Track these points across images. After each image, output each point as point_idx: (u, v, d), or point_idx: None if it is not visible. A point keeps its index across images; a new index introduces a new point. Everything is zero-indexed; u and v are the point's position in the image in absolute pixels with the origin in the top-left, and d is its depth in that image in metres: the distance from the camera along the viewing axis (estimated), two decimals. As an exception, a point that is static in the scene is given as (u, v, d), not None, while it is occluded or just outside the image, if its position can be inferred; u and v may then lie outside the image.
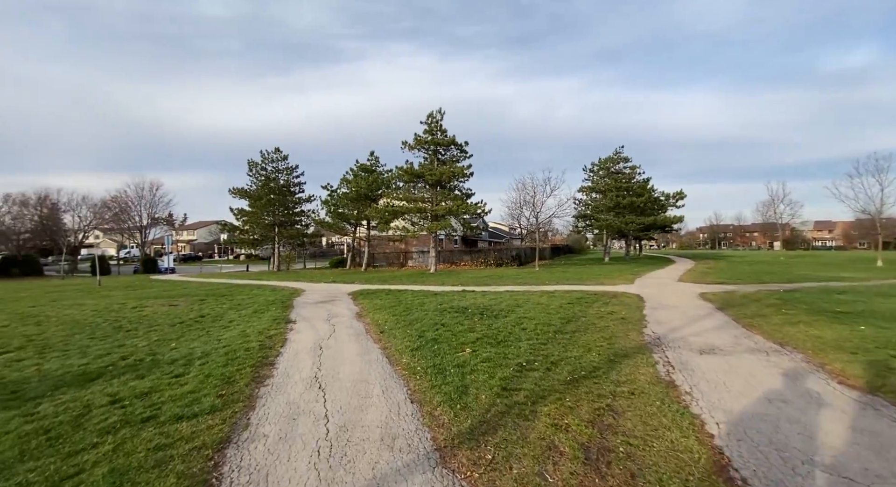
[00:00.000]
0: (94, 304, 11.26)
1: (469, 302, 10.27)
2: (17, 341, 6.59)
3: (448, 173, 20.99)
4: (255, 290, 15.05)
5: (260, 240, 30.96)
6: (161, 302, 11.47)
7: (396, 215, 22.10)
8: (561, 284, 15.11)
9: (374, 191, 26.46)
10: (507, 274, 20.64)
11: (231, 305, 10.75)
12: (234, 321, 8.38)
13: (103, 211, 52.67)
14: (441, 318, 8.09)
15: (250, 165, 29.09)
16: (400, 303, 10.45)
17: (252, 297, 12.58)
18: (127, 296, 13.37)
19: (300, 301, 11.61)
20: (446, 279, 17.80)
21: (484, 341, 6.17)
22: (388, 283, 16.97)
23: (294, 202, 30.60)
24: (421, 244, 38.33)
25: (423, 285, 15.53)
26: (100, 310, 10.01)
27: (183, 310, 9.92)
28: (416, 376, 4.65)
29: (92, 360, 5.39)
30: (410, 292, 12.84)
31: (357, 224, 30.74)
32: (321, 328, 7.60)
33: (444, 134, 21.96)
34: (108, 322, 8.30)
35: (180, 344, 6.28)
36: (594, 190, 35.21)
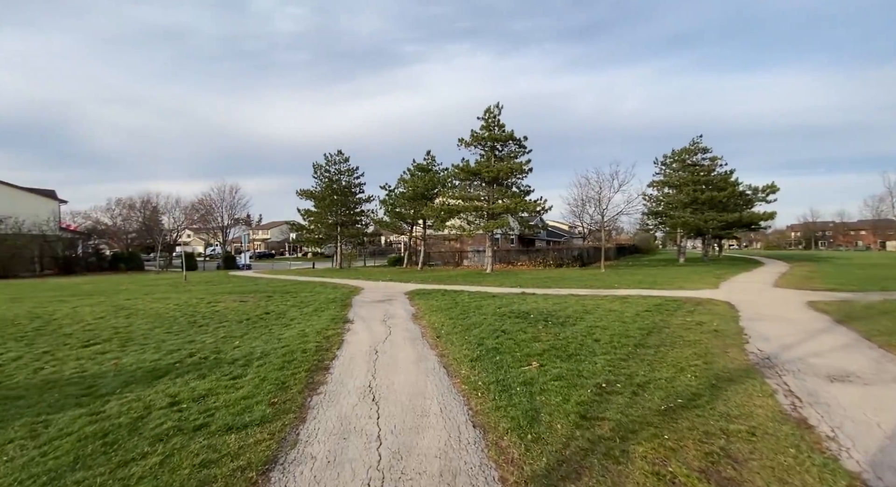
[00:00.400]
0: (177, 298, 12.21)
1: (530, 306, 9.55)
2: (107, 333, 7.14)
3: (505, 170, 20.20)
4: (317, 287, 15.53)
5: (324, 239, 32.44)
6: (233, 298, 12.14)
7: (452, 214, 21.78)
8: (633, 288, 13.73)
9: (430, 190, 26.41)
10: (570, 276, 19.39)
11: (294, 302, 11.05)
12: (296, 319, 8.49)
13: (192, 213, 58.95)
14: (501, 323, 7.50)
15: (315, 167, 30.56)
16: (456, 305, 10.01)
17: (314, 294, 12.90)
18: (206, 291, 14.41)
19: (358, 300, 11.65)
20: (504, 280, 17.09)
21: (552, 353, 5.48)
22: (444, 283, 16.67)
23: (355, 203, 31.62)
24: (476, 244, 37.81)
25: (479, 286, 14.99)
26: (180, 304, 10.77)
27: (251, 306, 10.34)
28: (477, 392, 4.14)
29: (163, 356, 5.58)
30: (467, 294, 12.37)
31: (413, 223, 31.00)
32: (377, 330, 7.38)
33: (502, 129, 21.19)
34: (185, 317, 8.82)
35: (243, 342, 6.37)
36: (667, 184, 32.17)
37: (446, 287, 14.68)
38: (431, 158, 28.56)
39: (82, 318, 8.65)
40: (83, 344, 6.34)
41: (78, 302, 11.43)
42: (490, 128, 21.23)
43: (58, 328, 7.66)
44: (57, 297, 12.88)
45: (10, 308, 10.26)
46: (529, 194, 22.29)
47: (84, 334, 7.10)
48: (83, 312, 9.54)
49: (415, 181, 26.40)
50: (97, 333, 7.17)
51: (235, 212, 65.93)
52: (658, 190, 33.41)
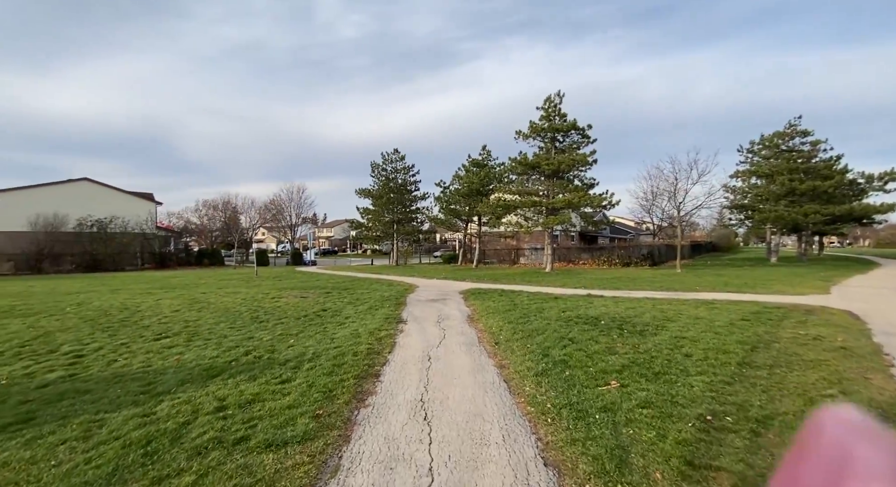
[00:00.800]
0: (245, 293, 12.86)
1: (599, 311, 8.57)
2: (178, 327, 7.49)
3: (567, 162, 18.90)
4: (373, 284, 15.64)
5: (381, 236, 33.16)
6: (295, 294, 12.50)
7: (508, 210, 20.90)
8: (718, 291, 12.02)
9: (485, 186, 25.72)
10: (640, 276, 17.67)
11: (350, 299, 11.06)
12: (350, 317, 8.37)
13: (265, 212, 63.86)
14: (568, 330, 6.71)
15: (373, 166, 31.26)
16: (515, 307, 9.32)
17: (370, 291, 12.91)
18: (272, 286, 15.11)
19: (412, 298, 11.40)
20: (566, 280, 15.97)
21: (634, 370, 4.64)
22: (501, 282, 15.96)
23: (410, 200, 31.88)
24: (534, 241, 36.36)
25: (539, 286, 14.08)
26: (247, 299, 11.25)
27: (310, 303, 10.50)
28: (545, 417, 3.50)
29: (222, 353, 5.61)
30: (526, 295, 11.59)
31: (468, 220, 30.52)
32: (431, 333, 6.96)
33: (563, 119, 19.86)
34: (249, 312, 9.11)
35: (297, 341, 6.27)
36: (755, 174, 28.36)
37: (503, 287, 13.98)
38: (487, 153, 27.82)
39: (161, 311, 9.28)
40: (155, 337, 6.65)
41: (163, 295, 12.46)
42: (550, 118, 20.00)
43: (139, 320, 8.23)
44: (147, 289, 14.22)
45: (108, 300, 11.39)
46: (593, 188, 20.71)
47: (159, 326, 7.51)
48: (163, 305, 10.29)
49: (469, 177, 25.85)
50: (170, 326, 7.55)
51: (302, 211, 70.38)
52: (744, 181, 29.61)
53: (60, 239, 28.66)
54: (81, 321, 7.98)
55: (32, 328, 7.37)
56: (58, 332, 6.99)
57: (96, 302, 10.78)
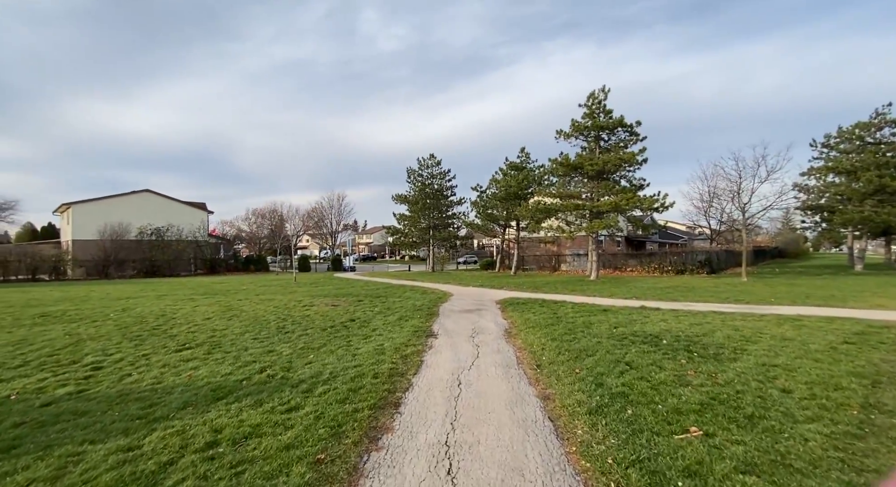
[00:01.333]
0: (279, 300, 12.78)
1: (659, 327, 7.44)
2: (203, 336, 7.28)
3: (613, 162, 17.51)
4: (407, 291, 15.15)
5: (418, 242, 32.92)
6: (327, 301, 12.24)
7: (549, 214, 19.74)
8: (799, 304, 10.33)
9: (524, 189, 24.68)
10: (699, 285, 15.90)
11: (381, 308, 10.58)
12: (377, 329, 7.82)
13: (307, 220, 66.17)
14: (623, 351, 5.72)
15: (409, 172, 31.17)
16: (558, 320, 8.36)
17: (402, 300, 12.40)
18: (307, 293, 15.03)
19: (445, 308, 10.72)
20: (614, 289, 14.62)
21: (717, 410, 3.65)
22: (541, 290, 14.91)
23: (446, 205, 31.41)
24: (576, 246, 34.60)
25: (584, 296, 12.92)
26: (279, 307, 11.09)
27: (339, 312, 10.12)
28: (607, 480, 2.65)
29: (236, 369, 5.21)
30: (570, 306, 10.54)
31: (506, 225, 29.51)
32: (463, 350, 6.22)
33: (608, 116, 18.50)
34: (277, 321, 8.83)
35: (317, 357, 5.77)
36: (833, 170, 25.13)
37: (544, 296, 12.95)
38: (525, 156, 26.76)
39: (193, 319, 9.23)
40: (178, 348, 6.42)
41: (202, 301, 12.65)
42: (594, 115, 18.71)
43: (170, 328, 8.16)
44: (190, 295, 14.60)
45: (151, 306, 11.67)
46: (643, 189, 19.08)
47: (186, 336, 7.34)
48: (198, 312, 10.32)
49: (507, 180, 24.91)
50: (196, 335, 7.36)
51: (342, 218, 72.31)
52: (818, 179, 26.37)
53: (124, 246, 30.91)
54: (116, 329, 8.02)
55: (69, 335, 7.45)
56: (89, 340, 6.98)
57: (139, 308, 11.04)
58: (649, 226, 18.96)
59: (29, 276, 27.18)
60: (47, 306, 11.82)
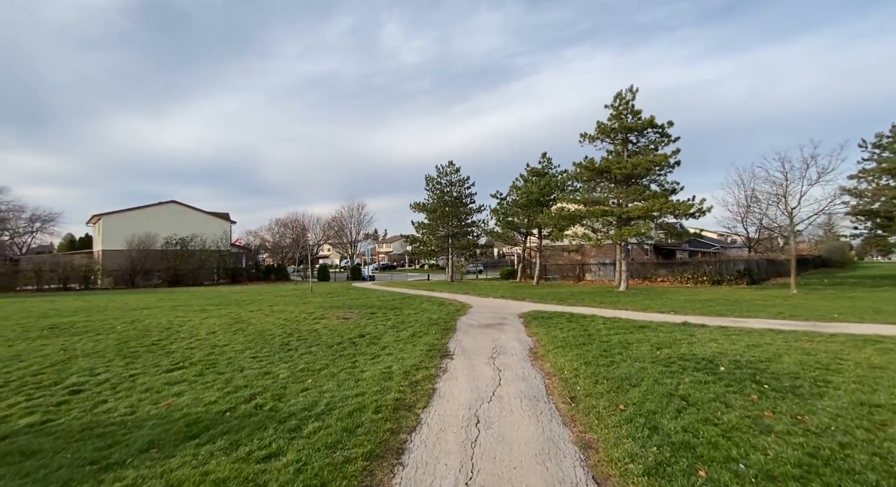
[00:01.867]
0: (291, 312, 12.29)
1: (710, 349, 6.41)
2: (201, 354, 6.75)
3: (643, 165, 16.39)
4: (423, 303, 14.43)
5: (436, 251, 32.26)
6: (339, 314, 11.65)
7: (573, 221, 18.68)
8: (869, 321, 9.01)
9: (546, 195, 23.71)
10: (742, 298, 14.51)
11: (394, 322, 9.88)
12: (388, 347, 7.10)
13: (327, 229, 66.86)
14: (674, 381, 4.78)
15: (427, 180, 30.68)
16: (590, 338, 7.43)
17: (417, 313, 11.67)
18: (320, 304, 14.53)
19: (464, 322, 9.91)
20: (647, 302, 13.46)
21: (824, 475, 2.72)
22: (567, 302, 13.88)
23: (465, 213, 30.70)
24: (601, 255, 33.19)
25: (614, 310, 11.86)
26: (289, 320, 10.56)
27: (350, 325, 9.48)
28: None
29: (223, 396, 4.58)
30: (601, 321, 9.55)
31: (527, 233, 28.51)
32: (482, 375, 5.42)
33: (637, 116, 17.45)
34: (282, 336, 8.26)
35: (316, 382, 5.09)
36: (889, 172, 23.04)
37: (571, 310, 11.96)
38: (547, 161, 25.82)
39: (197, 333, 8.77)
40: (170, 367, 5.88)
41: (213, 313, 12.30)
42: (621, 116, 17.69)
43: (170, 343, 7.70)
44: (204, 306, 14.34)
45: (159, 317, 11.38)
46: (675, 193, 17.82)
47: (183, 353, 6.83)
48: (205, 325, 9.89)
49: (528, 187, 24.02)
50: (194, 353, 6.84)
51: (362, 227, 72.80)
52: (870, 181, 24.26)
53: (150, 256, 31.59)
54: (115, 343, 7.61)
55: (65, 350, 7.07)
56: (82, 357, 6.55)
57: (148, 320, 10.74)
58: (682, 234, 17.59)
59: (61, 285, 28.04)
60: (63, 316, 11.72)
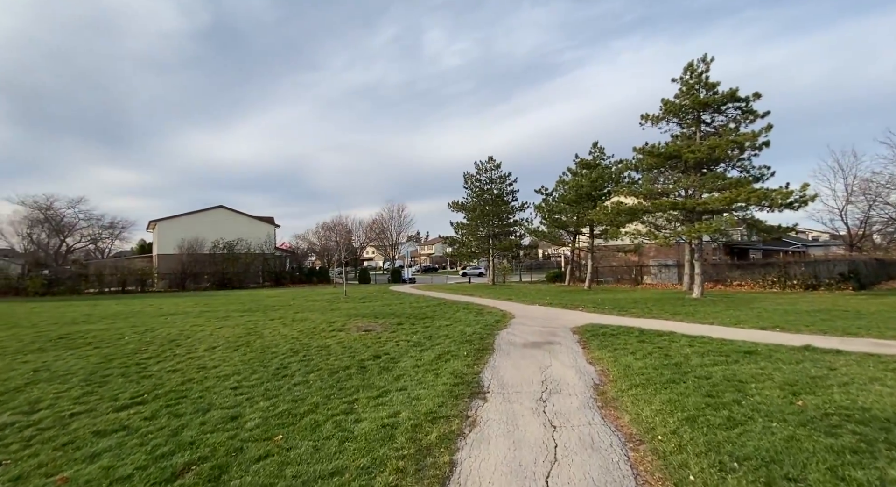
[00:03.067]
0: (313, 320, 11.16)
1: (884, 398, 4.16)
2: (177, 380, 5.55)
3: (723, 146, 13.56)
4: (459, 311, 12.76)
5: (477, 252, 30.47)
6: (363, 324, 10.30)
7: (633, 217, 16.09)
8: None
9: (598, 189, 21.18)
10: (861, 308, 11.39)
11: (421, 337, 8.31)
12: (403, 376, 5.51)
13: (369, 232, 67.24)
14: (863, 474, 2.72)
15: (466, 178, 29.02)
16: (680, 371, 5.36)
17: (450, 323, 10.04)
18: (347, 311, 13.35)
19: (504, 339, 8.11)
20: (735, 313, 10.83)
21: None
22: (630, 312, 11.57)
23: (507, 212, 28.65)
24: (662, 255, 29.74)
25: (695, 323, 9.47)
26: (305, 331, 9.35)
27: (369, 341, 8.03)
28: None
29: (154, 460, 3.21)
30: (685, 340, 7.33)
31: (576, 232, 25.93)
32: (527, 437, 3.64)
33: (713, 90, 14.62)
34: (285, 355, 6.96)
35: (288, 439, 3.60)
36: None
37: (638, 323, 9.72)
38: (599, 151, 23.17)
39: (196, 348, 7.72)
40: (126, 403, 4.68)
41: (235, 320, 11.47)
42: (692, 91, 14.92)
43: (157, 362, 6.65)
44: (231, 312, 13.66)
45: (176, 325, 10.66)
46: (761, 180, 14.73)
47: (158, 379, 5.68)
48: (214, 336, 8.91)
49: (578, 180, 21.59)
50: (170, 378, 5.66)
51: (402, 229, 72.65)
52: None
53: (199, 260, 32.66)
54: (96, 362, 6.66)
55: (36, 370, 6.17)
56: (46, 382, 5.57)
57: (162, 329, 10.01)
58: (772, 229, 14.40)
59: (120, 288, 29.59)
60: (89, 323, 11.38)
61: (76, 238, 47.15)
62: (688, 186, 14.91)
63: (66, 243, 45.97)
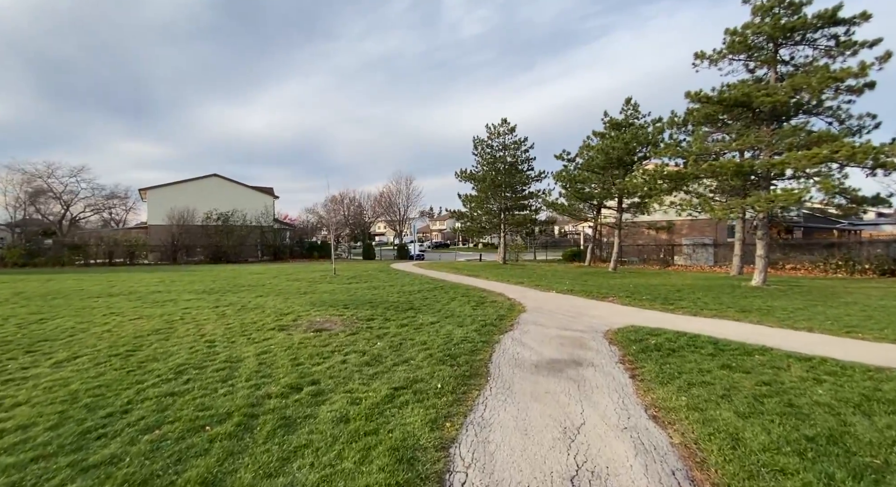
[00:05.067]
0: (263, 309, 8.75)
1: None
2: None
3: (816, 85, 10.08)
4: (456, 299, 10.14)
5: (487, 228, 27.55)
6: (322, 318, 7.79)
7: (680, 182, 12.74)
8: None
9: (631, 153, 17.82)
10: None
11: (385, 346, 5.72)
12: (301, 454, 2.92)
13: (376, 206, 64.65)
14: None
15: (475, 143, 25.71)
16: (833, 445, 2.58)
17: (438, 319, 7.42)
18: (320, 297, 10.93)
19: (505, 357, 5.41)
20: (832, 312, 7.84)
21: None
22: (678, 306, 8.69)
23: (522, 182, 25.43)
24: (695, 233, 26.36)
25: (779, 327, 6.57)
26: (235, 329, 6.90)
27: (307, 352, 5.48)
28: None
29: None
30: (797, 363, 4.49)
31: (600, 205, 22.71)
32: None
33: (795, 11, 10.95)
34: (163, 378, 4.50)
35: None
36: None
37: (697, 325, 6.85)
38: (632, 108, 19.54)
39: (56, 354, 5.30)
40: None
41: (171, 308, 9.19)
42: (773, 12, 11.21)
43: None
44: (180, 294, 11.39)
45: (82, 314, 8.36)
46: (861, 133, 11.18)
47: None
48: (110, 333, 6.53)
49: (607, 143, 18.21)
50: None
51: (411, 203, 69.80)
52: None
53: (191, 232, 30.69)
54: None
55: None
56: None
57: (58, 319, 7.70)
58: (867, 201, 10.99)
59: (107, 260, 27.97)
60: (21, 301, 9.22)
61: (79, 208, 46.16)
62: (756, 143, 11.51)
63: (70, 212, 45.01)
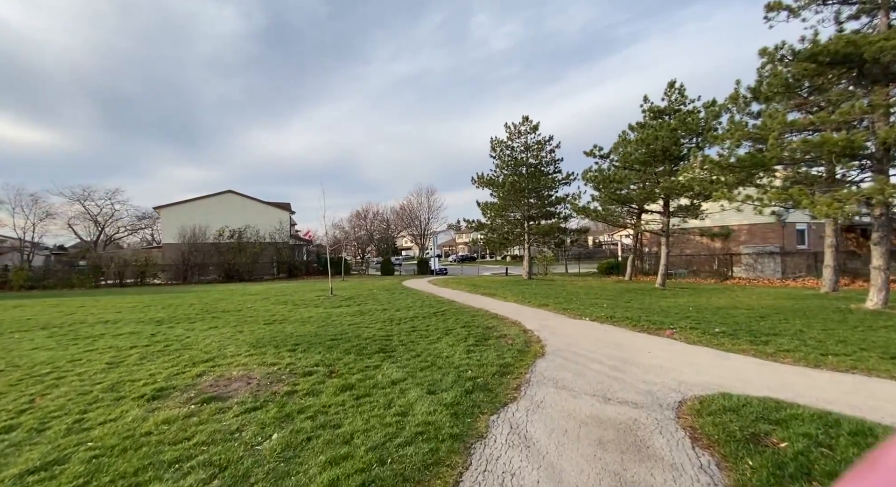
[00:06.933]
0: (194, 350, 6.55)
1: None
2: None
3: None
4: (456, 328, 7.55)
5: (510, 239, 24.79)
6: (246, 371, 5.48)
7: (761, 168, 9.46)
8: None
9: (678, 143, 14.77)
10: None
11: (302, 430, 3.27)
12: None
13: (397, 220, 63.12)
14: None
15: (493, 144, 23.24)
16: None
17: (418, 365, 4.90)
18: (323, 326, 8.68)
19: (495, 472, 2.80)
20: None
21: None
22: (775, 345, 5.64)
23: (548, 186, 22.63)
24: (757, 240, 22.44)
25: None
26: (109, 389, 4.66)
27: (147, 451, 3.11)
28: None
29: None
30: None
31: (641, 209, 19.51)
32: None
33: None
34: None
35: None
36: None
37: (830, 385, 3.92)
38: (678, 92, 16.47)
39: None
40: None
41: (106, 342, 7.15)
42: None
43: None
44: (149, 321, 9.49)
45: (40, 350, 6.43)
46: None
47: None
48: None
49: (648, 134, 15.26)
50: None
51: (432, 215, 67.87)
52: None
53: (202, 250, 29.79)
54: None
55: None
56: None
57: None
58: None
59: (117, 281, 27.39)
60: None
61: (114, 229, 47.55)
62: (869, 112, 8.24)
63: (105, 232, 46.32)
